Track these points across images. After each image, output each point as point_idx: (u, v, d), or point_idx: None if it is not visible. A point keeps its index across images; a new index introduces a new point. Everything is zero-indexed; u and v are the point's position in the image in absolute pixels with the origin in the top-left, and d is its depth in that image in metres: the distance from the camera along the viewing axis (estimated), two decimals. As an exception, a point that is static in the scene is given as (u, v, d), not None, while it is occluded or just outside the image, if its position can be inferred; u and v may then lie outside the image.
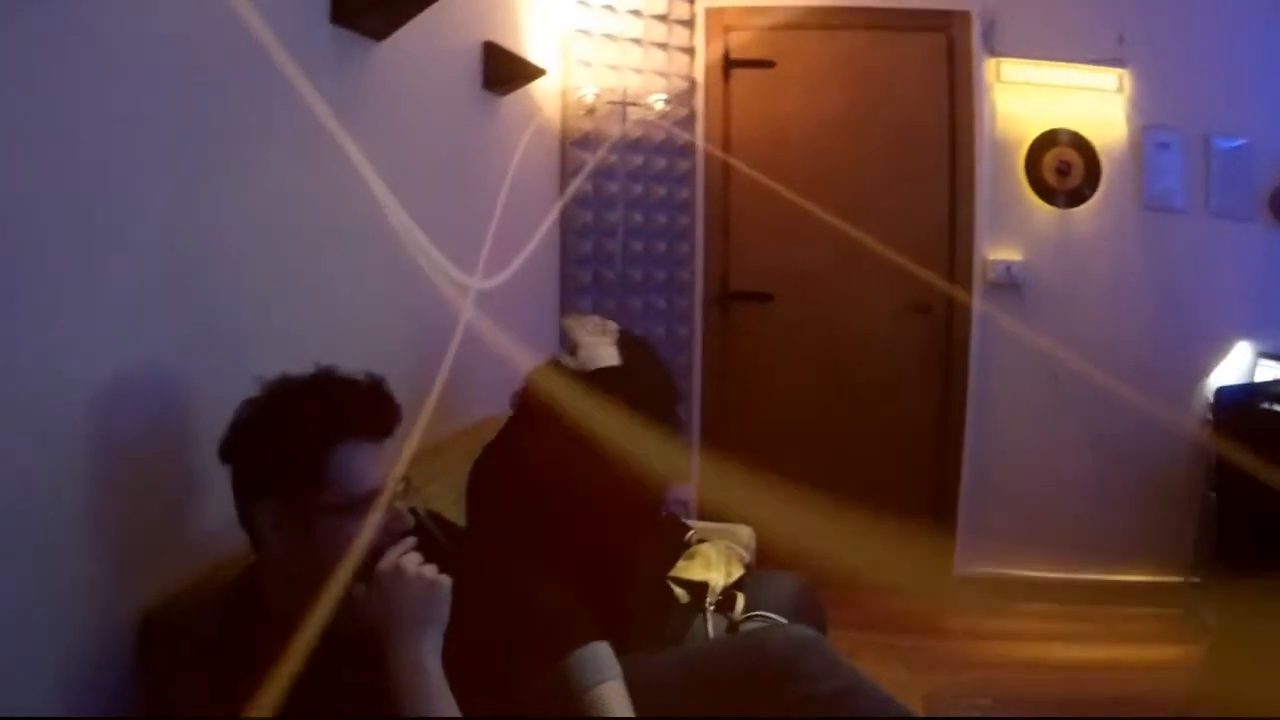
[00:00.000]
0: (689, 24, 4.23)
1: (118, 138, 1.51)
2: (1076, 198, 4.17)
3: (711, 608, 2.38)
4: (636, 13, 4.04)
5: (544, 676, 1.67)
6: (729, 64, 4.33)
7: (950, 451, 4.32)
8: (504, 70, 3.20)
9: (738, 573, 2.50)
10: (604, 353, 2.38)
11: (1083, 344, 4.15)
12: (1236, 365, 4.13)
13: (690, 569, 2.49)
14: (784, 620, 2.35)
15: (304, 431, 1.44)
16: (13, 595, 1.35)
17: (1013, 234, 4.21)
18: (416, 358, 2.45)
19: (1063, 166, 4.15)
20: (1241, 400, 3.89)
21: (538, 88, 3.59)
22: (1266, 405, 3.71)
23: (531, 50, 3.50)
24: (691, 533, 2.74)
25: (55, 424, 1.42)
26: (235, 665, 1.34)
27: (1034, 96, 4.18)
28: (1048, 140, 4.17)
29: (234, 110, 1.80)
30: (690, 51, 4.25)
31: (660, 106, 3.97)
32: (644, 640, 2.09)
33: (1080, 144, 4.16)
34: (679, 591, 2.44)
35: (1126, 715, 3.21)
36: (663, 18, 4.13)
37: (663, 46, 4.13)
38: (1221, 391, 3.95)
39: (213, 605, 1.53)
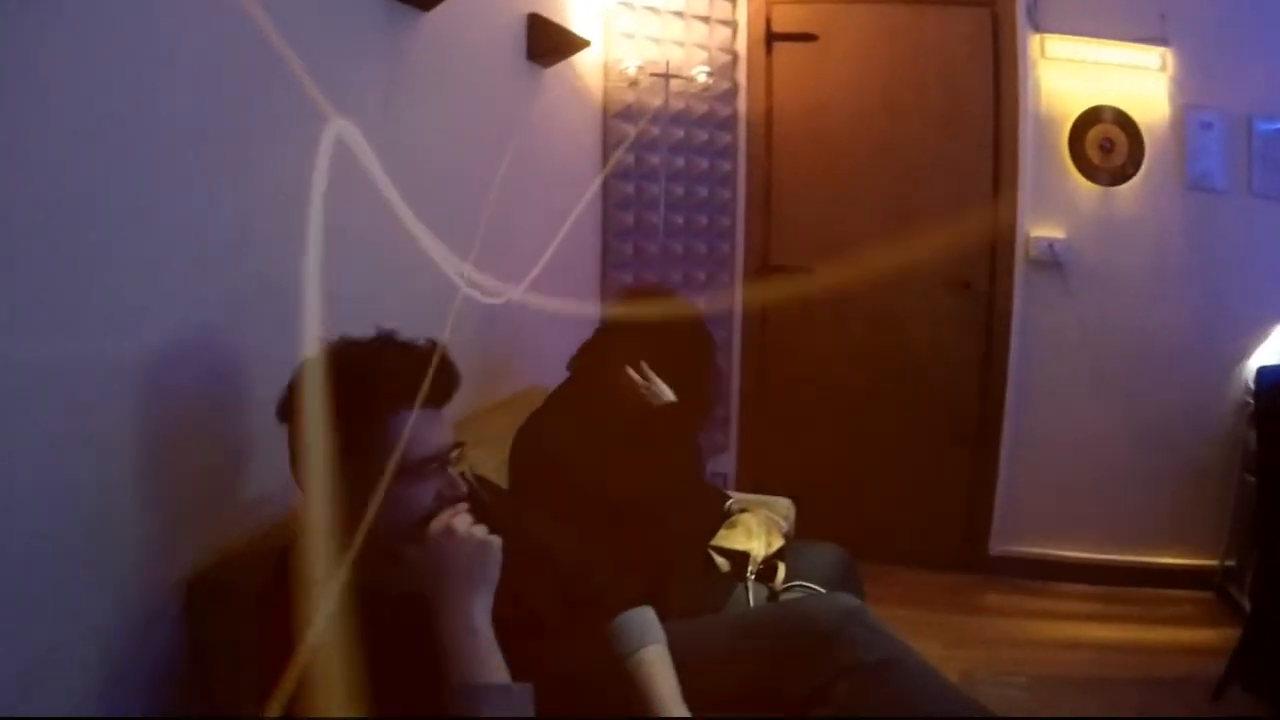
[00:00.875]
0: (731, -3, 4.22)
1: (168, 108, 1.53)
2: (1120, 176, 4.12)
3: (752, 577, 2.40)
4: (678, -15, 4.03)
5: (589, 640, 1.69)
6: (771, 37, 4.31)
7: (989, 428, 4.31)
8: (548, 42, 3.20)
9: (778, 543, 2.51)
10: (661, 389, 2.51)
11: (1123, 322, 4.15)
12: (1277, 347, 4.09)
13: (731, 538, 2.51)
14: (823, 591, 2.36)
15: (364, 395, 1.44)
16: (64, 555, 1.38)
17: (1056, 211, 4.17)
18: (458, 327, 2.47)
19: (1106, 144, 4.11)
20: (1283, 383, 3.85)
21: (581, 60, 3.59)
22: (1308, 388, 3.67)
23: (575, 22, 3.50)
24: (731, 501, 2.76)
25: (107, 389, 1.44)
26: (286, 627, 1.35)
27: (1078, 73, 4.12)
28: (1091, 117, 4.12)
29: (284, 78, 1.81)
30: (732, 24, 4.23)
31: (702, 79, 3.95)
32: (685, 607, 2.12)
33: (1124, 122, 4.10)
34: (720, 560, 2.46)
35: (1160, 697, 3.21)
36: (705, -10, 4.12)
37: (705, 19, 4.11)
38: (1262, 373, 3.91)
39: (264, 568, 1.53)
